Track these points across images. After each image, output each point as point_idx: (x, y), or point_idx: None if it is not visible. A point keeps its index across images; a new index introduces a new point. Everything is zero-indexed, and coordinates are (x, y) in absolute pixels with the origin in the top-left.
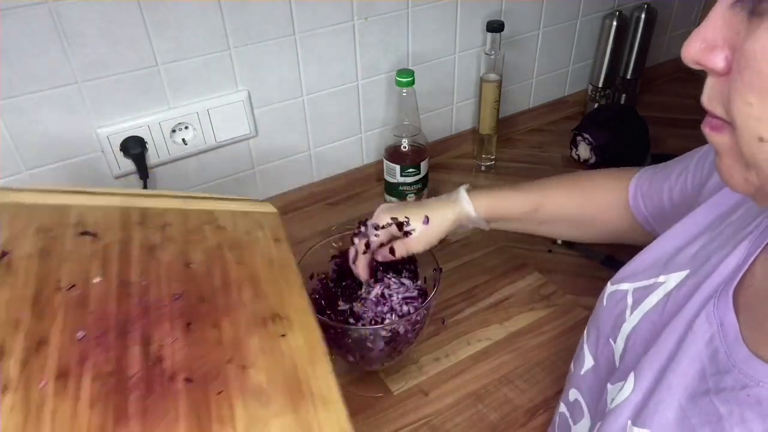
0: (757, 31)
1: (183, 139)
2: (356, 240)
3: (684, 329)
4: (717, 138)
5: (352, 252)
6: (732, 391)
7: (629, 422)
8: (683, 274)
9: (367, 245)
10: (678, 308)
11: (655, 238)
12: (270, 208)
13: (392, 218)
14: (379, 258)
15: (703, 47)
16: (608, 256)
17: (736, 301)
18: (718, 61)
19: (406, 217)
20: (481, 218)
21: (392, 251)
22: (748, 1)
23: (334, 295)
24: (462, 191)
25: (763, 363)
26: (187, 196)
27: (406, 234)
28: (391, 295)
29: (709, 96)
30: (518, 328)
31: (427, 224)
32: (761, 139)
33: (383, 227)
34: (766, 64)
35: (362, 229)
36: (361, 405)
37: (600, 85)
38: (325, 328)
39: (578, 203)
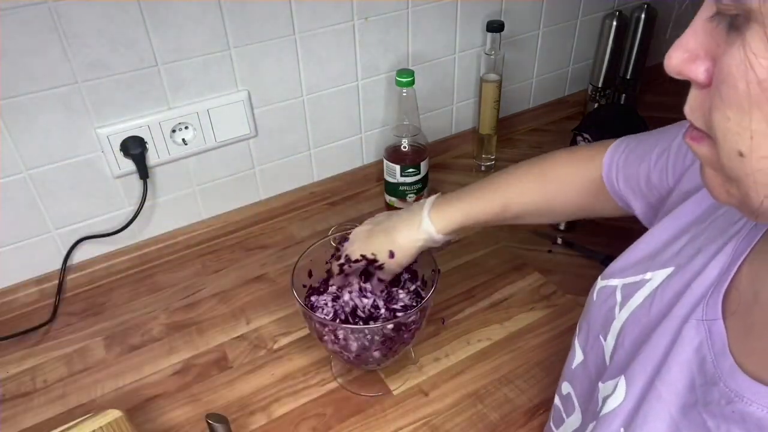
0: (733, 46)
1: (183, 139)
2: (333, 261)
3: (673, 334)
4: (698, 149)
5: (334, 269)
6: (718, 405)
7: (622, 430)
8: (668, 271)
9: (341, 268)
10: (666, 309)
11: (626, 212)
12: (113, 414)
13: (361, 255)
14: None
15: (684, 57)
16: (608, 256)
17: (725, 307)
18: (699, 72)
19: (372, 254)
20: (447, 237)
21: (380, 279)
22: (725, 14)
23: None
24: (425, 216)
25: (747, 377)
26: None
27: (378, 268)
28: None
29: (691, 107)
30: (518, 328)
31: (393, 258)
32: (741, 154)
33: (356, 261)
34: (743, 80)
35: (339, 248)
36: (361, 405)
37: (600, 85)
38: (323, 327)
39: (547, 196)
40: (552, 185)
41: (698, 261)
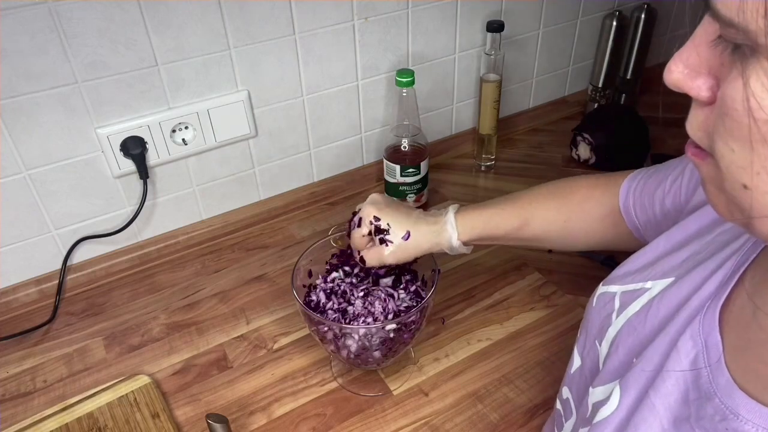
0: (738, 79)
1: (183, 139)
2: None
3: (669, 346)
4: (701, 166)
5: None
6: (711, 420)
7: None
8: (668, 281)
9: (349, 224)
10: (663, 320)
11: (642, 244)
12: (142, 380)
13: (375, 217)
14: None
15: (686, 73)
16: (608, 256)
17: (722, 320)
18: (702, 90)
19: (388, 224)
20: (463, 246)
21: (362, 260)
22: (730, 41)
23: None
24: (450, 216)
25: (744, 395)
26: (64, 407)
27: (382, 241)
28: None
29: (693, 125)
30: (518, 328)
31: (407, 240)
32: (745, 187)
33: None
34: (746, 116)
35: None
36: (361, 405)
37: (600, 85)
38: (323, 327)
39: (565, 218)
40: (572, 210)
41: (698, 274)
